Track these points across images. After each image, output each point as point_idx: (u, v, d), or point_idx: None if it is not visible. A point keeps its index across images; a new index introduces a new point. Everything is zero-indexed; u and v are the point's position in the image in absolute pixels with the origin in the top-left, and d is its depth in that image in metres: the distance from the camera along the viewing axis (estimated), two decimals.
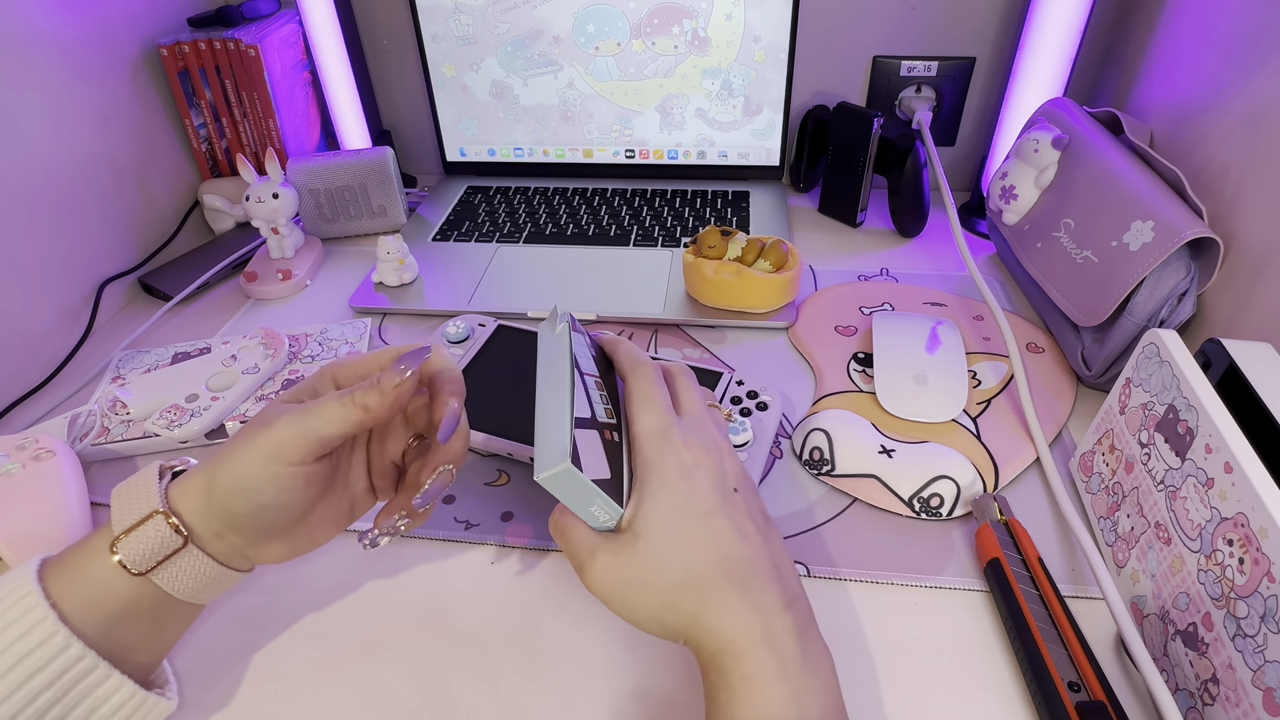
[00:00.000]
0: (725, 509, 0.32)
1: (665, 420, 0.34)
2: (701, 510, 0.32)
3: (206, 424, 0.52)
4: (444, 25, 0.78)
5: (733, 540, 0.32)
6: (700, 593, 0.31)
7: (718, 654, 0.30)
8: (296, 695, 0.39)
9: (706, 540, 0.31)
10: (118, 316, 0.69)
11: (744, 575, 0.31)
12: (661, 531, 0.31)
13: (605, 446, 0.33)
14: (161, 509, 0.33)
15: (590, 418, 0.33)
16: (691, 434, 0.34)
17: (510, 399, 0.53)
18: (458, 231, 0.77)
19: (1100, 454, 0.45)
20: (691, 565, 0.31)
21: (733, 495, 0.33)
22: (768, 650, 0.30)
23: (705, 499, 0.32)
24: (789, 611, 0.31)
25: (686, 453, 0.33)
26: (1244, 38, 0.53)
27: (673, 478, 0.32)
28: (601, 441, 0.33)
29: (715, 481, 0.33)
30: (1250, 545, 0.32)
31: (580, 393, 0.33)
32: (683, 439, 0.33)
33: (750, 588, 0.31)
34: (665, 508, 0.32)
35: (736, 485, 0.34)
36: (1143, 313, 0.49)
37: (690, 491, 0.32)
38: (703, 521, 0.32)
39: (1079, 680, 0.35)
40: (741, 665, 0.30)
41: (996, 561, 0.41)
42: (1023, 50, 0.70)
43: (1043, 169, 0.61)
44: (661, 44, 0.77)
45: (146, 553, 0.32)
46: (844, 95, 0.82)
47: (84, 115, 0.66)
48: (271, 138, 0.79)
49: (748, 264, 0.61)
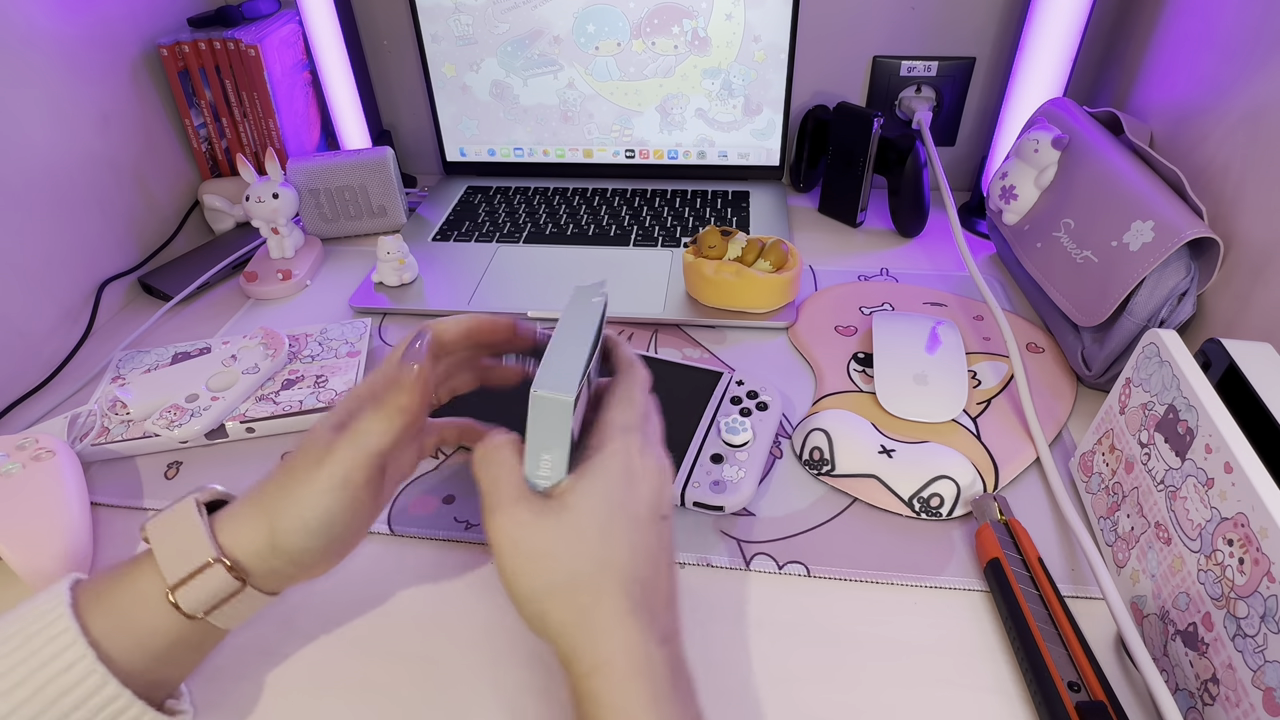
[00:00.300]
0: (649, 528, 0.33)
1: (633, 423, 0.34)
2: (631, 516, 0.32)
3: (206, 424, 0.52)
4: (444, 25, 0.78)
5: (644, 559, 0.32)
6: (595, 594, 0.30)
7: (590, 673, 0.29)
8: (295, 695, 0.39)
9: (624, 545, 0.31)
10: (118, 316, 0.70)
11: (639, 597, 0.31)
12: (589, 515, 0.31)
13: (583, 417, 0.34)
14: (219, 558, 0.32)
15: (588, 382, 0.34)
16: (650, 448, 0.34)
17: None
18: (458, 231, 0.77)
19: (1100, 454, 0.45)
20: (602, 562, 0.30)
21: (660, 521, 0.33)
22: (645, 680, 0.29)
23: (638, 508, 0.32)
24: (667, 645, 0.31)
25: (639, 459, 0.33)
26: (1244, 38, 0.53)
27: (619, 474, 0.32)
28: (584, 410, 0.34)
29: (651, 499, 0.33)
30: (1250, 545, 0.32)
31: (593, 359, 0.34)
32: (641, 447, 0.34)
33: (639, 611, 0.30)
34: (601, 496, 0.31)
35: (667, 514, 0.34)
36: (1143, 313, 0.49)
37: (628, 495, 0.32)
38: (628, 525, 0.32)
39: (1079, 680, 0.35)
40: (615, 693, 0.29)
41: (996, 561, 0.41)
42: (1023, 50, 0.70)
43: (1043, 169, 0.61)
44: (661, 44, 0.77)
45: (203, 599, 0.32)
46: (844, 95, 0.82)
47: (84, 115, 0.66)
48: (271, 138, 0.79)
49: (748, 264, 0.61)
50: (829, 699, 0.38)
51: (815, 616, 0.42)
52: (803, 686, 0.38)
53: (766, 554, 0.45)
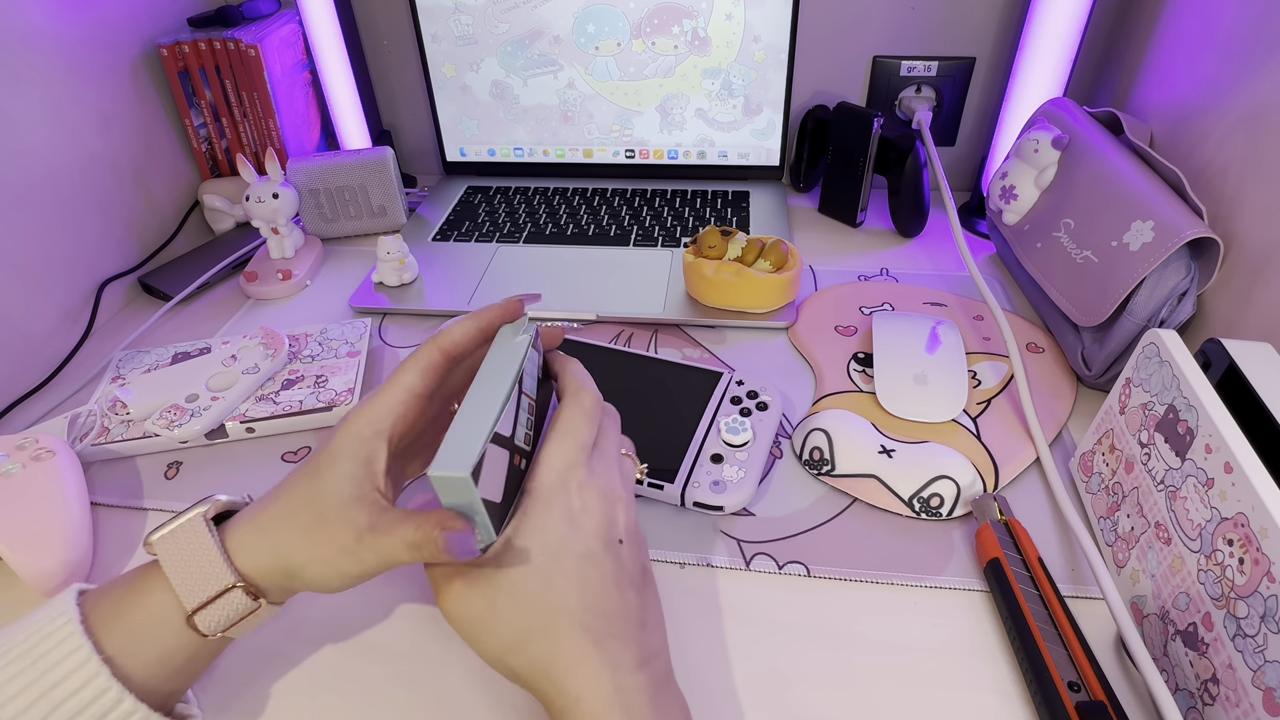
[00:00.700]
0: (601, 559, 0.32)
1: (573, 458, 0.33)
2: (573, 555, 0.31)
3: (206, 424, 0.52)
4: (444, 25, 0.78)
5: (598, 591, 0.31)
6: (550, 641, 0.30)
7: (564, 712, 0.29)
8: (294, 695, 0.39)
9: (570, 587, 0.31)
10: (118, 316, 0.70)
11: (600, 630, 0.30)
12: (527, 570, 0.30)
13: (509, 471, 0.32)
14: (239, 583, 0.32)
15: (509, 437, 0.32)
16: (593, 478, 0.33)
17: None
18: (458, 231, 0.77)
19: (1100, 454, 0.45)
20: (548, 610, 0.30)
21: (615, 547, 0.33)
22: (618, 711, 0.29)
23: (581, 545, 0.31)
24: (643, 670, 0.30)
25: (578, 495, 0.32)
26: (1244, 38, 0.53)
27: (554, 518, 0.31)
28: (508, 465, 0.32)
29: (599, 530, 0.32)
30: (1250, 545, 0.32)
31: (510, 410, 0.32)
32: (581, 481, 0.33)
33: (604, 643, 0.30)
34: (538, 546, 0.31)
35: (623, 538, 0.33)
36: (1143, 313, 0.49)
37: (568, 536, 0.31)
38: (571, 568, 0.31)
39: (1079, 680, 0.35)
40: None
41: (996, 561, 0.41)
42: (1023, 50, 0.70)
43: (1043, 169, 0.61)
44: (661, 44, 0.77)
45: (222, 621, 0.32)
46: (844, 95, 0.82)
47: (84, 115, 0.66)
48: (271, 138, 0.79)
49: (748, 264, 0.61)
50: (829, 699, 0.38)
51: (815, 616, 0.42)
52: (802, 686, 0.38)
53: (766, 554, 0.45)
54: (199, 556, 0.32)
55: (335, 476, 0.32)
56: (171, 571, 0.32)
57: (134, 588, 0.33)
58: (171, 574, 0.32)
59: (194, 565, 0.32)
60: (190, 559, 0.32)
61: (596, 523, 0.32)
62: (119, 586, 0.33)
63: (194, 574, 0.32)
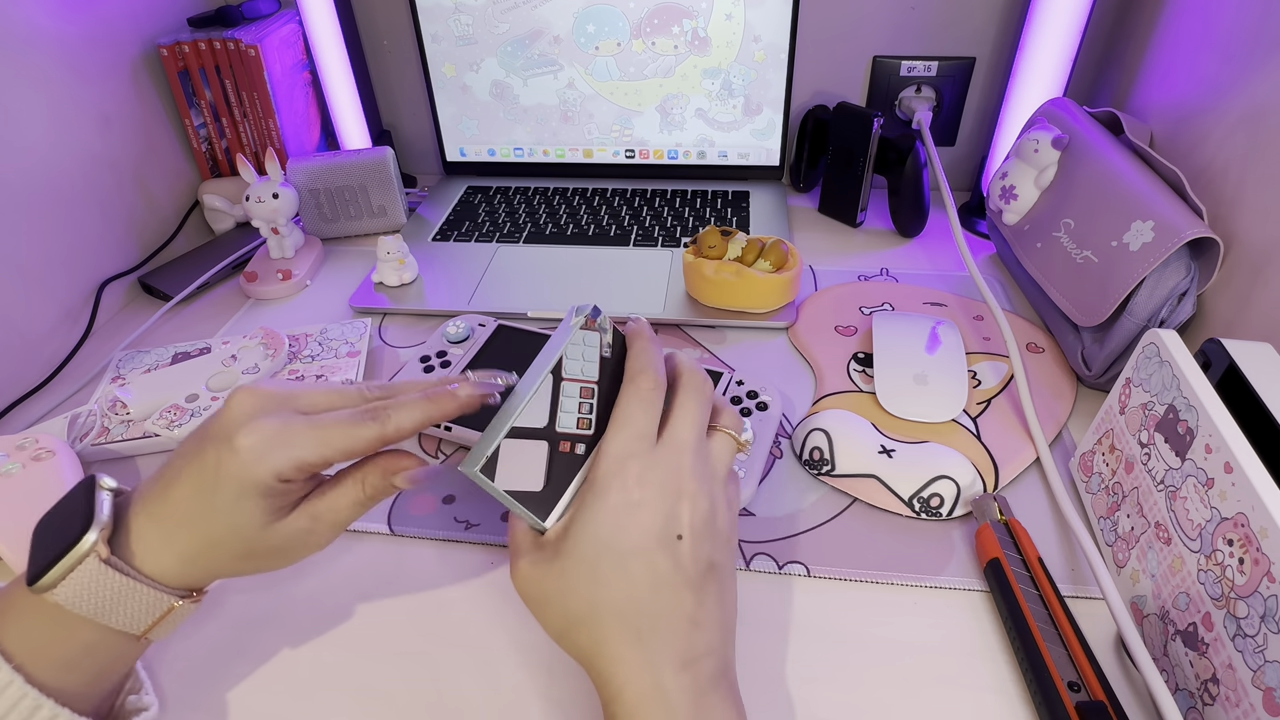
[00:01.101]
0: (652, 555, 0.31)
1: (630, 448, 0.32)
2: (623, 550, 0.31)
3: None
4: (444, 25, 0.78)
5: (646, 589, 0.30)
6: (595, 633, 0.30)
7: (609, 701, 0.30)
8: (294, 696, 0.39)
9: (616, 582, 0.30)
10: (118, 316, 0.70)
11: (643, 627, 0.30)
12: (577, 559, 0.31)
13: (553, 459, 0.33)
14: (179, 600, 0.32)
15: (545, 426, 0.33)
16: (654, 469, 0.32)
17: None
18: (458, 231, 0.77)
19: (1100, 454, 0.45)
20: (593, 602, 0.30)
21: (673, 543, 0.31)
22: (659, 708, 0.29)
23: (633, 540, 0.31)
24: (687, 671, 0.30)
25: (636, 488, 0.31)
26: (1244, 38, 0.53)
27: (607, 510, 0.31)
28: (549, 453, 0.33)
29: (653, 527, 0.31)
30: (1250, 545, 0.32)
31: (542, 401, 0.33)
32: (639, 472, 0.31)
33: (646, 641, 0.30)
34: (588, 537, 0.31)
35: (684, 533, 0.32)
36: (1143, 313, 0.49)
37: (619, 529, 0.31)
38: (619, 562, 0.30)
39: (1079, 680, 0.35)
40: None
41: (996, 561, 0.41)
42: (1023, 50, 0.70)
43: (1043, 169, 0.61)
44: (661, 44, 0.77)
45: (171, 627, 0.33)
46: (844, 95, 0.82)
47: (84, 115, 0.66)
48: (271, 138, 0.79)
49: (748, 264, 0.61)
50: (829, 699, 0.38)
51: (815, 616, 0.42)
52: (802, 686, 0.38)
53: (766, 554, 0.45)
54: (125, 597, 0.31)
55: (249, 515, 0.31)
56: (98, 615, 0.30)
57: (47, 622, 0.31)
58: (98, 617, 0.31)
59: (122, 605, 0.31)
60: (115, 601, 0.31)
61: (651, 518, 0.31)
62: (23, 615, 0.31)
63: (126, 611, 0.31)
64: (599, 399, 0.34)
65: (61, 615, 0.30)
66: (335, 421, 0.32)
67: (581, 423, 0.34)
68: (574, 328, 0.34)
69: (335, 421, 0.32)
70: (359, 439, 0.32)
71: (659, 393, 0.33)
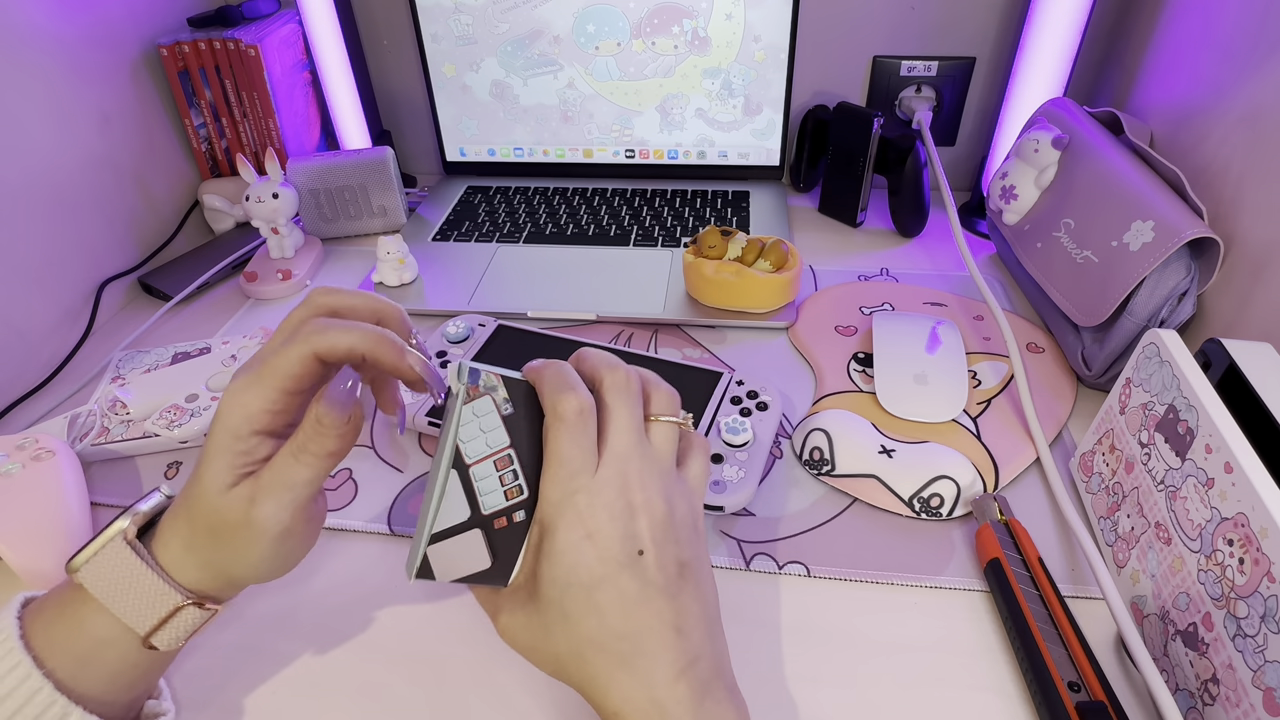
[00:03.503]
0: (617, 579, 0.30)
1: (569, 486, 0.30)
2: (586, 585, 0.30)
3: (206, 424, 0.52)
4: (444, 25, 0.78)
5: (618, 615, 0.30)
6: (582, 667, 0.30)
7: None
8: (296, 696, 0.39)
9: (587, 616, 0.30)
10: (118, 316, 0.69)
11: (626, 650, 0.30)
12: (546, 603, 0.30)
13: (491, 538, 0.31)
14: (188, 601, 0.32)
15: (470, 517, 0.31)
16: (599, 494, 0.30)
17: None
18: (458, 231, 0.77)
19: (1100, 454, 0.45)
20: (572, 639, 0.30)
21: (636, 560, 0.30)
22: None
23: (594, 572, 0.30)
24: (682, 680, 0.30)
25: (587, 521, 0.30)
26: (1244, 38, 0.53)
27: (561, 551, 0.30)
28: (486, 536, 0.31)
29: (613, 551, 0.30)
30: (1250, 545, 0.32)
31: (456, 496, 0.31)
32: (586, 504, 0.30)
33: (633, 663, 0.29)
34: (549, 580, 0.30)
35: (644, 547, 0.30)
36: (1143, 313, 0.49)
37: (577, 566, 0.30)
38: (584, 597, 0.30)
39: (1079, 680, 0.35)
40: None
41: (996, 561, 0.41)
42: (1023, 50, 0.70)
43: (1043, 169, 0.61)
44: (661, 44, 0.77)
45: (180, 634, 0.33)
46: (844, 95, 0.82)
47: (84, 115, 0.66)
48: (271, 138, 0.79)
49: (748, 264, 0.61)
50: (829, 699, 0.38)
51: (815, 616, 0.42)
52: (802, 686, 0.38)
53: (766, 554, 0.45)
54: (135, 583, 0.31)
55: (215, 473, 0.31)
56: (109, 600, 0.31)
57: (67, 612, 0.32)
58: (109, 602, 0.31)
59: (132, 591, 0.31)
60: (126, 586, 0.31)
61: (608, 544, 0.30)
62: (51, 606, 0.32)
63: (134, 600, 0.31)
64: (522, 457, 0.32)
65: (79, 603, 0.31)
66: (270, 351, 0.32)
67: (510, 493, 0.31)
68: (459, 406, 0.31)
69: (270, 351, 0.32)
70: (290, 361, 0.31)
71: (586, 414, 0.31)
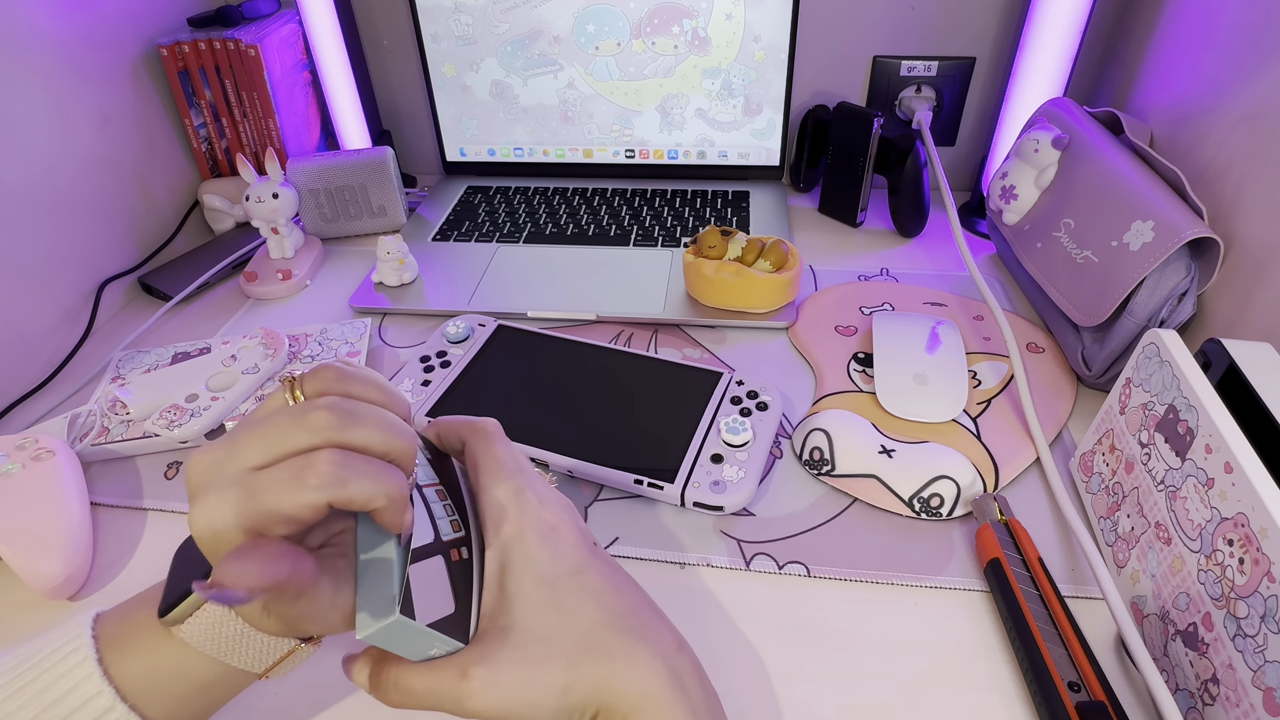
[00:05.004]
0: (593, 564, 0.30)
1: (517, 483, 0.31)
2: (571, 571, 0.30)
3: (206, 424, 0.52)
4: (444, 25, 0.78)
5: (610, 594, 0.30)
6: (600, 655, 0.28)
7: (631, 714, 0.28)
8: (296, 696, 0.39)
9: (585, 601, 0.29)
10: (118, 316, 0.69)
11: (634, 625, 0.30)
12: (535, 609, 0.29)
13: (451, 571, 0.29)
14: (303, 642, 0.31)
15: (433, 540, 0.29)
16: (543, 489, 0.31)
17: (510, 399, 0.53)
18: (458, 231, 0.77)
19: (1100, 454, 0.45)
20: (581, 630, 0.29)
21: (595, 549, 0.31)
22: (680, 695, 0.29)
23: (572, 558, 0.30)
24: (683, 651, 0.30)
25: (546, 512, 0.30)
26: (1244, 38, 0.53)
27: (534, 546, 0.29)
28: (447, 566, 0.29)
29: (577, 539, 0.31)
30: (1250, 545, 0.32)
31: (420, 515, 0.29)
32: (537, 496, 0.31)
33: (646, 635, 0.30)
34: (532, 582, 0.29)
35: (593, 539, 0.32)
36: (1143, 313, 0.49)
37: (557, 555, 0.30)
38: (576, 582, 0.30)
39: (1079, 680, 0.35)
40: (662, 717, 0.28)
41: (996, 561, 0.41)
42: (1023, 50, 0.70)
43: (1043, 169, 0.61)
44: (661, 44, 0.77)
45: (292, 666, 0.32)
46: (844, 95, 0.82)
47: (84, 115, 0.66)
48: (271, 138, 0.79)
49: (748, 264, 0.61)
50: (828, 699, 0.38)
51: (815, 616, 0.42)
52: (802, 686, 0.38)
53: (766, 554, 0.45)
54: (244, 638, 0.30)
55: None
56: (221, 654, 0.30)
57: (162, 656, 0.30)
58: (222, 655, 0.30)
59: (243, 644, 0.30)
60: (237, 641, 0.30)
61: (571, 533, 0.31)
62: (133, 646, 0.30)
63: (248, 650, 0.30)
64: (453, 496, 0.32)
65: (185, 652, 0.30)
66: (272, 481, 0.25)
67: (455, 524, 0.31)
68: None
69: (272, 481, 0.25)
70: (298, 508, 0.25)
71: (502, 431, 0.33)
